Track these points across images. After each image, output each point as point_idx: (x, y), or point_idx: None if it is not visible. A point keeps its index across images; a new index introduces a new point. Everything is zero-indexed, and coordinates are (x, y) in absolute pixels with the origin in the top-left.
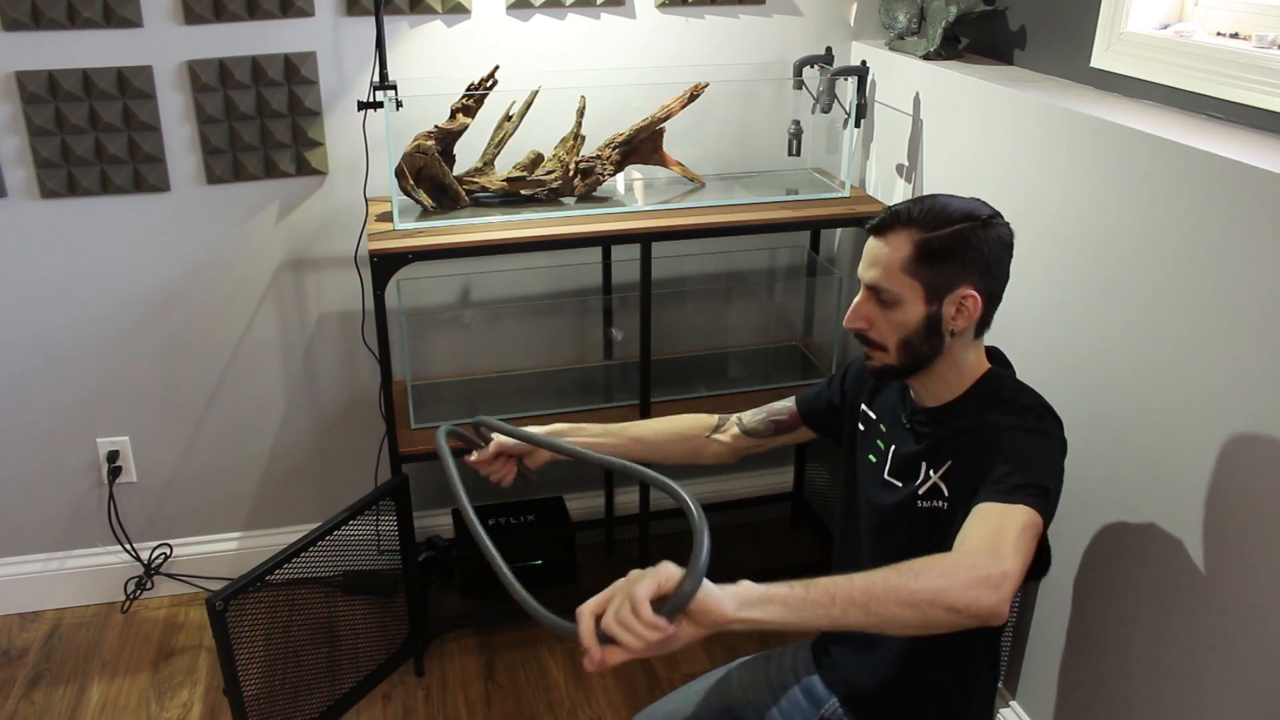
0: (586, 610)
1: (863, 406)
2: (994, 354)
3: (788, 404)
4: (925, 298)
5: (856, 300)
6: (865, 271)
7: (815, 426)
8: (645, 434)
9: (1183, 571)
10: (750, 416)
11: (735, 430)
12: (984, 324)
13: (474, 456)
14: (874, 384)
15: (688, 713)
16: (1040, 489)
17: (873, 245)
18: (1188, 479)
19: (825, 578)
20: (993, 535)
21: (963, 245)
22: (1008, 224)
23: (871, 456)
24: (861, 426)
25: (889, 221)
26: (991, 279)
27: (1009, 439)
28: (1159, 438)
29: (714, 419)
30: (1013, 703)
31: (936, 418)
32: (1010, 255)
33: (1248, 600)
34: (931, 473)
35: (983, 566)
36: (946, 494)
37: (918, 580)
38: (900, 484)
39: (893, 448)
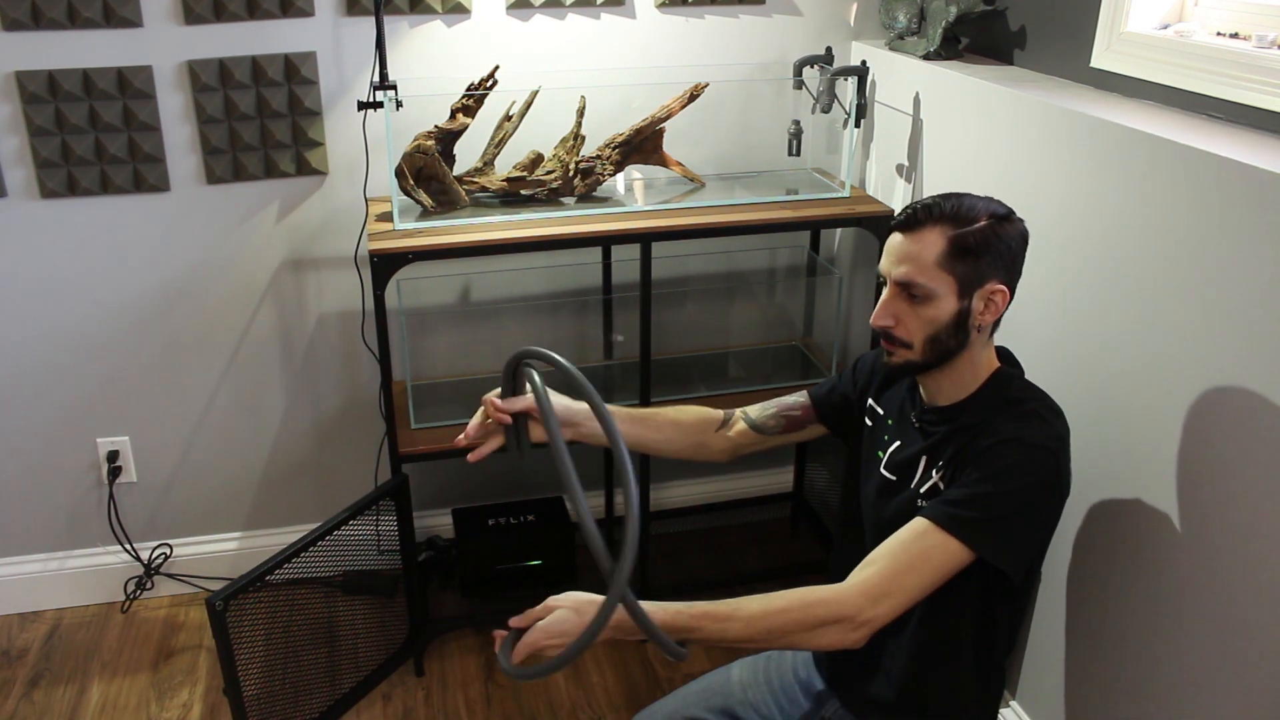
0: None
1: (870, 402)
2: (1002, 353)
3: (800, 399)
4: (957, 292)
5: (884, 297)
6: (895, 268)
7: (828, 420)
8: (657, 421)
9: (1181, 568)
10: (758, 412)
11: (741, 425)
12: (997, 321)
13: (497, 401)
14: (882, 380)
15: (688, 713)
16: (992, 523)
17: (900, 242)
18: (1186, 476)
19: (719, 612)
20: (896, 574)
21: (994, 240)
22: (1023, 221)
23: (879, 452)
24: (869, 422)
25: (919, 218)
26: (1015, 274)
27: (997, 453)
28: (1157, 435)
29: (720, 414)
30: (1013, 702)
31: (947, 416)
32: (1026, 251)
33: (1245, 595)
34: (934, 472)
35: (854, 613)
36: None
37: (785, 638)
38: (896, 479)
39: (896, 444)
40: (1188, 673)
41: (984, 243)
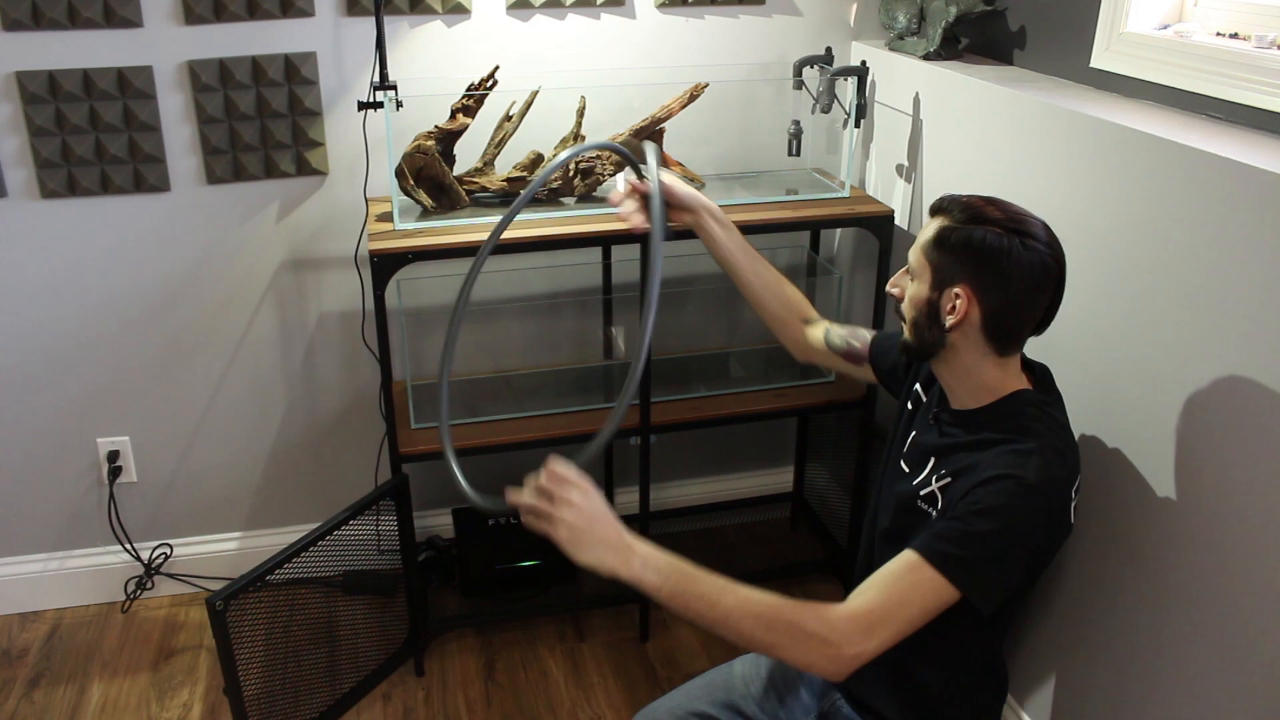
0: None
1: (916, 386)
2: (1040, 374)
3: (861, 341)
4: (931, 282)
5: (902, 270)
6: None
7: (880, 373)
8: (766, 277)
9: (1182, 567)
10: (837, 332)
11: (819, 334)
12: (999, 340)
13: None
14: (928, 367)
15: (692, 708)
16: (977, 562)
17: (925, 222)
18: (1185, 474)
19: (704, 593)
20: (889, 607)
21: (971, 245)
22: (1052, 255)
23: (914, 432)
24: (910, 405)
25: (939, 204)
26: (996, 293)
27: (991, 488)
28: (1155, 433)
29: (811, 312)
30: (1013, 702)
31: (960, 421)
32: (1037, 285)
33: (1246, 594)
34: (934, 479)
35: (842, 644)
36: (940, 506)
37: (759, 648)
38: (908, 470)
39: (913, 434)
40: (1188, 672)
41: (961, 244)
